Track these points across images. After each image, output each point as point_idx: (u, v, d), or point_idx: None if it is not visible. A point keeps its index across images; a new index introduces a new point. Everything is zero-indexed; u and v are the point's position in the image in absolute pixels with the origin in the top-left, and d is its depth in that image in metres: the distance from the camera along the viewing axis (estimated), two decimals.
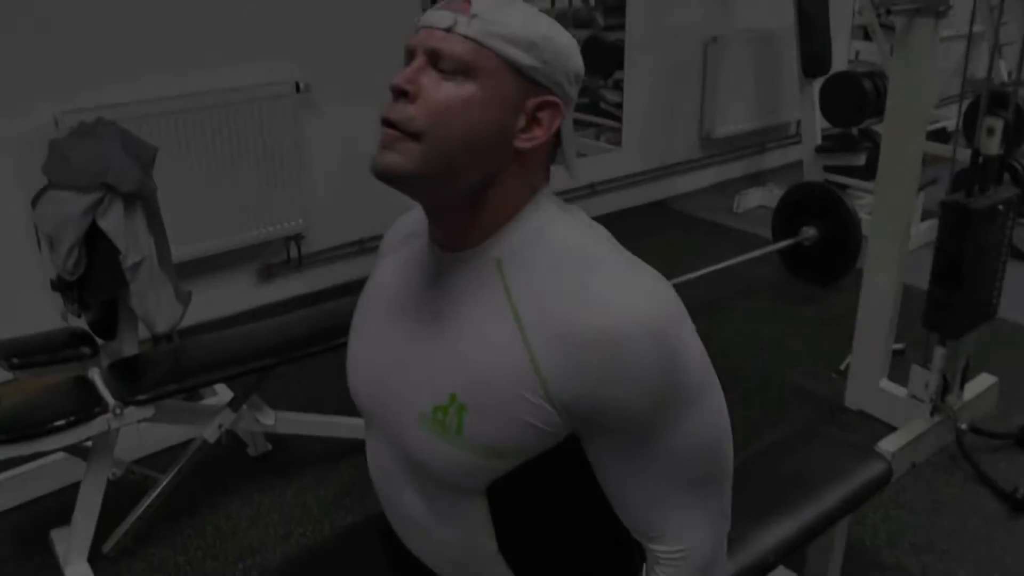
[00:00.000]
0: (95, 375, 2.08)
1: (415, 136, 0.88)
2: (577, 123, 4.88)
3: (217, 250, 3.28)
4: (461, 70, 0.88)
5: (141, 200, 2.25)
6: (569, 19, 6.03)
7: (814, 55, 4.06)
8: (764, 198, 4.68)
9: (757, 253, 3.68)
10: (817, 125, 4.18)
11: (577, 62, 0.96)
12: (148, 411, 2.02)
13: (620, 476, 0.95)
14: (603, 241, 0.95)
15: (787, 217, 3.77)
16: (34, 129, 2.72)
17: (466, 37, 0.88)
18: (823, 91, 4.18)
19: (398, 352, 1.02)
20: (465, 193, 0.93)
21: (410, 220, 1.12)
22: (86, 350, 2.29)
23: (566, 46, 0.94)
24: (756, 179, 5.11)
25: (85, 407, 1.96)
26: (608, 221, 0.98)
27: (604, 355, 0.85)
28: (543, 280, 0.91)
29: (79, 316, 2.34)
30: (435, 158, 0.89)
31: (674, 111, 4.76)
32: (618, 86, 5.10)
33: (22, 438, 1.88)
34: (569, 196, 4.33)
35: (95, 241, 2.20)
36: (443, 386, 0.95)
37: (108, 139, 2.23)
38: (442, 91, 0.88)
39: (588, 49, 5.47)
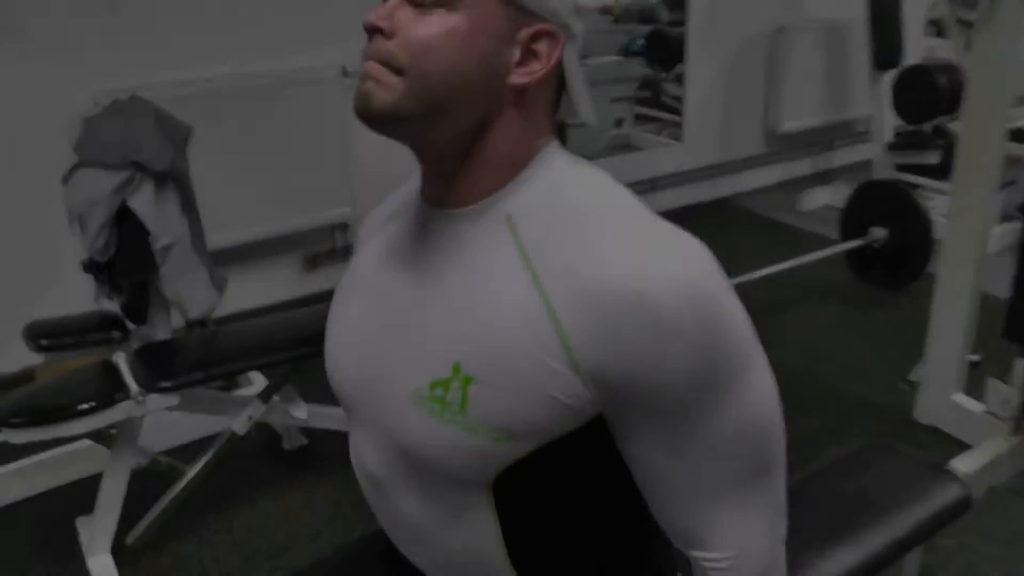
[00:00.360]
0: (120, 360, 2.00)
1: (397, 71, 0.79)
2: (638, 117, 4.79)
3: (261, 237, 3.20)
4: (440, 1, 0.79)
5: (173, 180, 2.17)
6: (633, 14, 5.89)
7: (886, 46, 3.85)
8: (831, 197, 4.48)
9: (823, 254, 3.51)
10: (888, 121, 3.98)
11: None
12: (173, 399, 1.93)
13: (657, 469, 0.82)
14: (628, 199, 0.84)
15: (855, 217, 3.58)
16: (79, 109, 2.65)
17: None
18: (895, 85, 3.97)
19: (388, 325, 0.90)
20: (461, 137, 0.83)
21: (392, 201, 1.01)
22: (116, 334, 2.22)
23: None
24: (823, 178, 4.91)
25: (106, 393, 1.88)
26: (668, 217, 0.85)
27: (638, 315, 0.74)
28: (564, 238, 0.80)
29: (111, 299, 2.27)
30: (421, 94, 0.79)
31: (738, 105, 4.58)
32: (680, 80, 4.94)
33: (40, 422, 1.80)
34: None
35: (125, 222, 2.12)
36: (444, 355, 0.82)
37: (140, 117, 2.15)
38: (421, 26, 0.79)
39: (651, 42, 5.32)
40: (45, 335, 2.12)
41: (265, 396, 2.16)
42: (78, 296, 2.31)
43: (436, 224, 0.88)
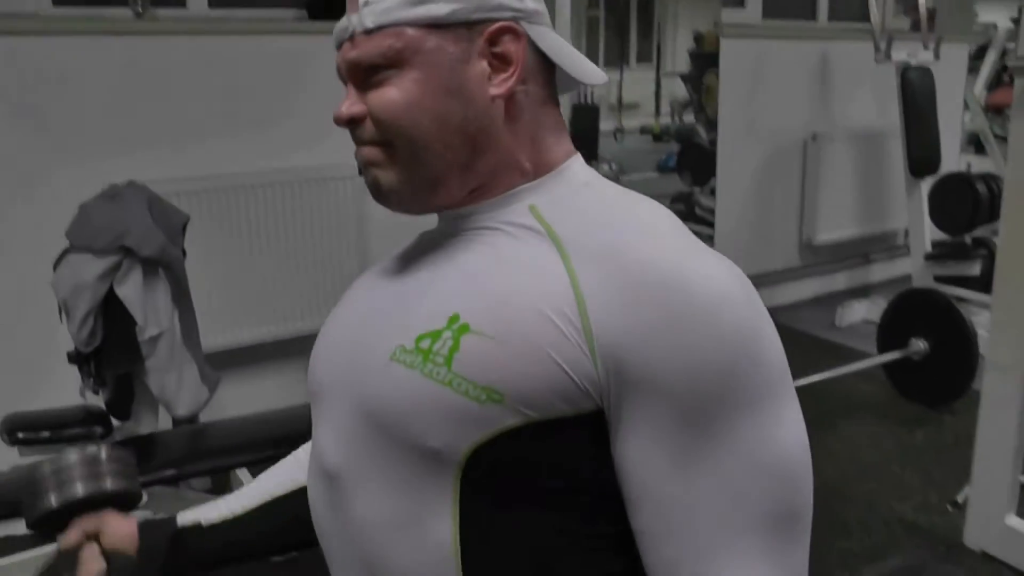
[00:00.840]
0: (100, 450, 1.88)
1: (387, 144, 0.80)
2: None
3: (271, 338, 3.09)
4: (387, 65, 0.79)
5: (164, 268, 2.09)
6: (672, 134, 5.93)
7: (922, 152, 3.77)
8: (869, 311, 4.30)
9: (859, 366, 3.33)
10: (926, 230, 3.85)
11: None
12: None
13: (656, 485, 0.70)
14: (666, 212, 0.80)
15: (894, 327, 3.41)
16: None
17: (368, 32, 0.79)
18: (932, 194, 3.86)
19: (380, 305, 0.85)
20: (468, 168, 0.81)
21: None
22: (99, 430, 2.10)
23: None
24: (861, 293, 4.74)
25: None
26: None
27: (671, 295, 0.68)
28: (595, 222, 0.76)
29: (96, 393, 2.17)
30: (418, 154, 0.79)
31: (770, 215, 4.49)
32: (714, 192, 4.89)
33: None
34: None
35: (112, 310, 2.04)
36: (441, 310, 0.75)
37: (134, 202, 2.10)
38: (384, 98, 0.79)
39: (683, 155, 5.31)
40: (22, 428, 2.01)
41: None
42: (67, 391, 2.22)
43: (454, 220, 0.85)
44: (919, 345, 3.30)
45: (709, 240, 4.52)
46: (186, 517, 1.00)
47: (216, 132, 2.95)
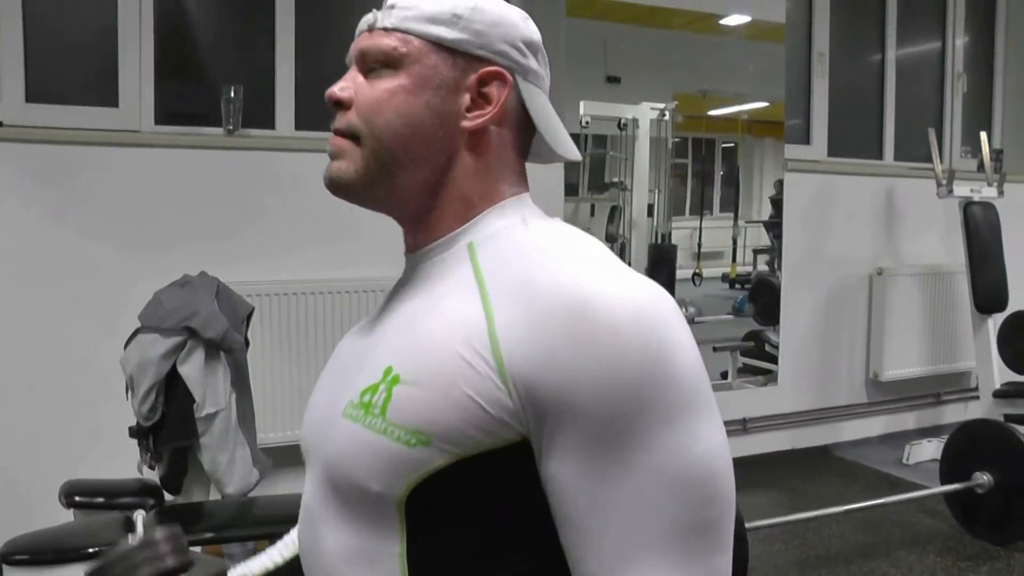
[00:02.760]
0: (139, 516, 1.99)
1: (355, 139, 0.87)
2: (743, 369, 4.71)
3: None
4: (388, 63, 0.87)
5: (225, 352, 2.24)
6: (750, 280, 6.01)
7: (987, 287, 3.75)
8: (939, 451, 4.14)
9: (919, 494, 3.24)
10: (995, 367, 3.78)
11: (524, 29, 0.90)
12: None
13: (575, 499, 0.73)
14: (597, 243, 0.85)
15: (958, 459, 3.31)
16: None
17: (386, 30, 0.88)
18: (1001, 332, 3.81)
19: (347, 359, 0.93)
20: (426, 183, 0.88)
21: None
22: (150, 501, 2.21)
23: (503, 14, 0.89)
24: (931, 434, 4.61)
25: (113, 542, 1.84)
26: (759, 462, 0.78)
27: (576, 320, 0.72)
28: (519, 253, 0.82)
29: (152, 468, 2.29)
30: (379, 155, 0.86)
31: (836, 349, 4.46)
32: None
33: (39, 562, 1.78)
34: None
35: (174, 388, 2.19)
36: (380, 364, 0.81)
37: (202, 289, 2.27)
38: (371, 90, 0.87)
39: (756, 294, 5.35)
40: (79, 493, 2.14)
41: None
42: (125, 465, 2.36)
43: (409, 267, 0.92)
44: (983, 478, 3.19)
45: (774, 376, 4.53)
46: (236, 572, 1.06)
47: (289, 240, 3.18)
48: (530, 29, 0.91)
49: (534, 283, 0.75)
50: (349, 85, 0.89)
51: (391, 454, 0.76)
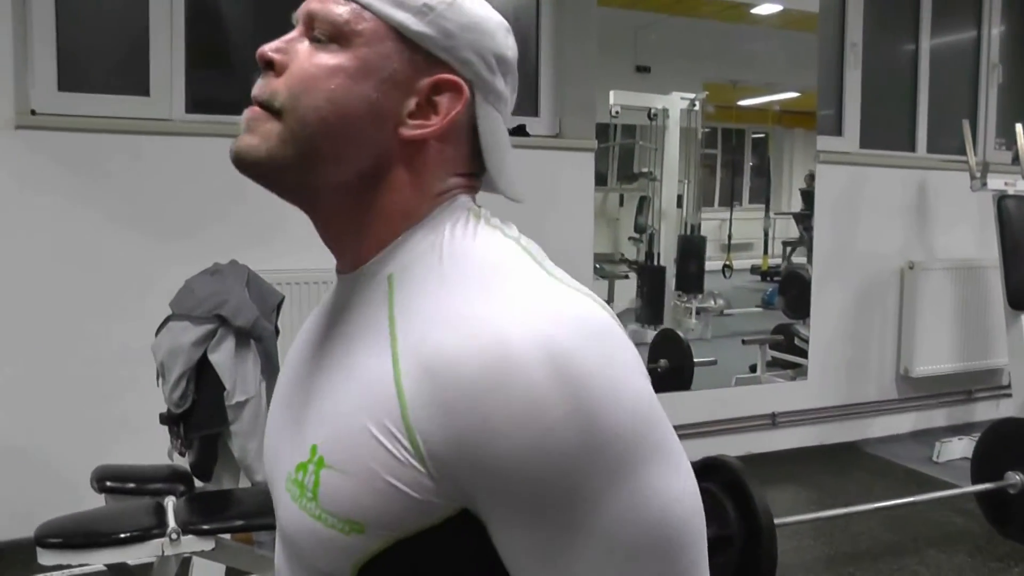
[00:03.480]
0: (169, 502, 2.00)
1: (277, 113, 0.74)
2: (771, 363, 4.68)
3: None
4: (335, 36, 0.74)
5: (256, 340, 2.25)
6: (780, 272, 5.97)
7: (1021, 283, 3.68)
8: (970, 449, 4.10)
9: (948, 493, 3.20)
10: None
11: (498, 42, 0.78)
12: (207, 543, 1.89)
13: None
14: (523, 254, 0.73)
15: (990, 459, 3.27)
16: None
17: None
18: None
19: (284, 407, 0.84)
20: (348, 190, 0.76)
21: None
22: (180, 487, 2.23)
23: (481, 19, 0.76)
24: (962, 431, 4.56)
25: (144, 527, 1.86)
26: (787, 457, 0.70)
27: (484, 394, 0.62)
28: (430, 296, 0.71)
29: (182, 455, 2.31)
30: (297, 137, 0.73)
31: (866, 344, 4.42)
32: None
33: (72, 546, 1.80)
34: (744, 424, 4.13)
35: (204, 375, 2.20)
36: (308, 437, 0.74)
37: (233, 277, 2.28)
38: (309, 61, 0.74)
39: (786, 287, 5.30)
40: (110, 478, 2.16)
41: None
42: (156, 451, 2.38)
43: (337, 291, 0.82)
44: (1016, 479, 3.15)
45: (803, 370, 4.49)
46: None
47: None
48: (507, 44, 0.79)
49: (439, 350, 0.65)
50: (285, 48, 0.76)
51: (330, 540, 0.70)
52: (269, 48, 0.76)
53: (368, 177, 0.76)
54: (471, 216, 0.77)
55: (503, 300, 0.67)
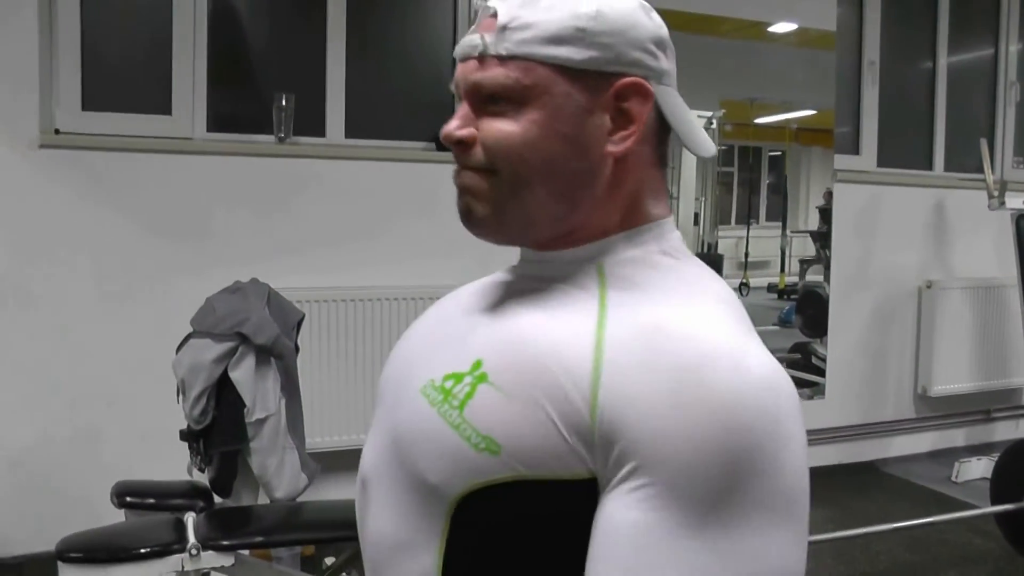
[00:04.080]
0: (189, 518, 2.02)
1: (489, 172, 0.79)
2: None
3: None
4: (510, 98, 0.77)
5: (276, 357, 2.27)
6: (797, 291, 5.97)
7: None
8: (989, 469, 4.08)
9: (968, 514, 3.18)
10: None
11: (651, 27, 0.80)
12: (227, 559, 1.90)
13: (624, 552, 0.66)
14: (730, 296, 0.80)
15: (1009, 479, 3.25)
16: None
17: (500, 58, 0.77)
18: None
19: (436, 334, 0.88)
20: (557, 222, 0.81)
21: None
22: (200, 503, 2.24)
23: (627, 13, 0.78)
24: (981, 451, 4.53)
25: (164, 543, 1.88)
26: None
27: (690, 377, 0.67)
28: (647, 296, 0.76)
29: (202, 471, 2.33)
30: (518, 191, 0.78)
31: (884, 363, 4.40)
32: None
33: (93, 560, 1.81)
34: None
35: (224, 392, 2.22)
36: (471, 353, 0.77)
37: (253, 295, 2.31)
38: (500, 130, 0.77)
39: (803, 305, 5.29)
40: (130, 494, 2.18)
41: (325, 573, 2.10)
42: (176, 466, 2.40)
43: (528, 263, 0.87)
44: None
45: (821, 389, 4.47)
46: None
47: (339, 248, 3.21)
48: (656, 24, 0.81)
49: (659, 329, 0.71)
50: (466, 123, 0.79)
51: (458, 451, 0.72)
52: (451, 129, 0.80)
53: (580, 196, 0.80)
54: (683, 247, 0.84)
55: (721, 325, 0.73)
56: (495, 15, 0.78)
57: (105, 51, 3.09)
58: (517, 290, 0.84)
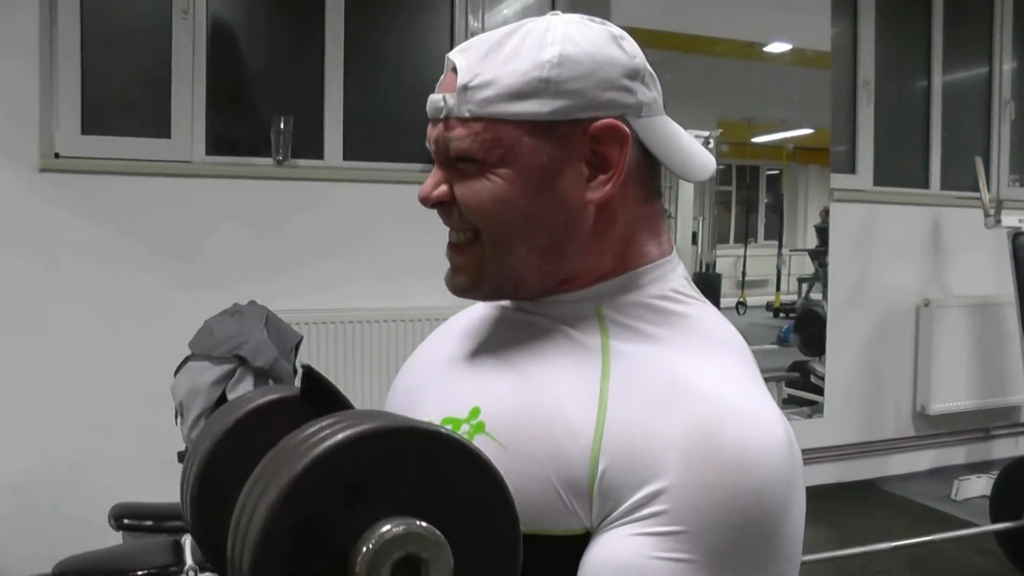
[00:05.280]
0: (186, 540, 2.02)
1: (475, 232, 0.78)
2: (788, 401, 4.67)
3: None
4: (480, 159, 0.74)
5: (274, 380, 2.27)
6: (795, 309, 5.97)
7: None
8: (988, 487, 4.07)
9: (966, 532, 3.18)
10: None
11: (622, 60, 0.75)
12: None
13: None
14: (740, 345, 0.79)
15: (1009, 497, 3.25)
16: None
17: (463, 121, 0.74)
18: None
19: (434, 370, 0.87)
20: (545, 276, 0.79)
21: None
22: None
23: (594, 52, 0.74)
24: (981, 469, 4.52)
25: (161, 565, 1.88)
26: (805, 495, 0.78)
27: (701, 433, 0.66)
28: (654, 345, 0.74)
29: None
30: (499, 251, 0.77)
31: (882, 381, 4.41)
32: None
33: None
34: None
35: None
36: (469, 399, 0.76)
37: (252, 317, 2.31)
38: (471, 190, 0.76)
39: (802, 324, 5.29)
40: (128, 516, 2.18)
41: None
42: (173, 489, 2.39)
43: (523, 305, 0.84)
44: None
45: (820, 407, 4.47)
46: None
47: (337, 270, 3.22)
48: (629, 54, 0.76)
49: (675, 380, 0.70)
50: (440, 183, 0.78)
51: None
52: (429, 191, 0.78)
53: (565, 249, 0.77)
54: (687, 285, 0.82)
55: (733, 380, 0.72)
56: (455, 70, 0.76)
57: (104, 75, 3.11)
58: (516, 328, 0.82)
